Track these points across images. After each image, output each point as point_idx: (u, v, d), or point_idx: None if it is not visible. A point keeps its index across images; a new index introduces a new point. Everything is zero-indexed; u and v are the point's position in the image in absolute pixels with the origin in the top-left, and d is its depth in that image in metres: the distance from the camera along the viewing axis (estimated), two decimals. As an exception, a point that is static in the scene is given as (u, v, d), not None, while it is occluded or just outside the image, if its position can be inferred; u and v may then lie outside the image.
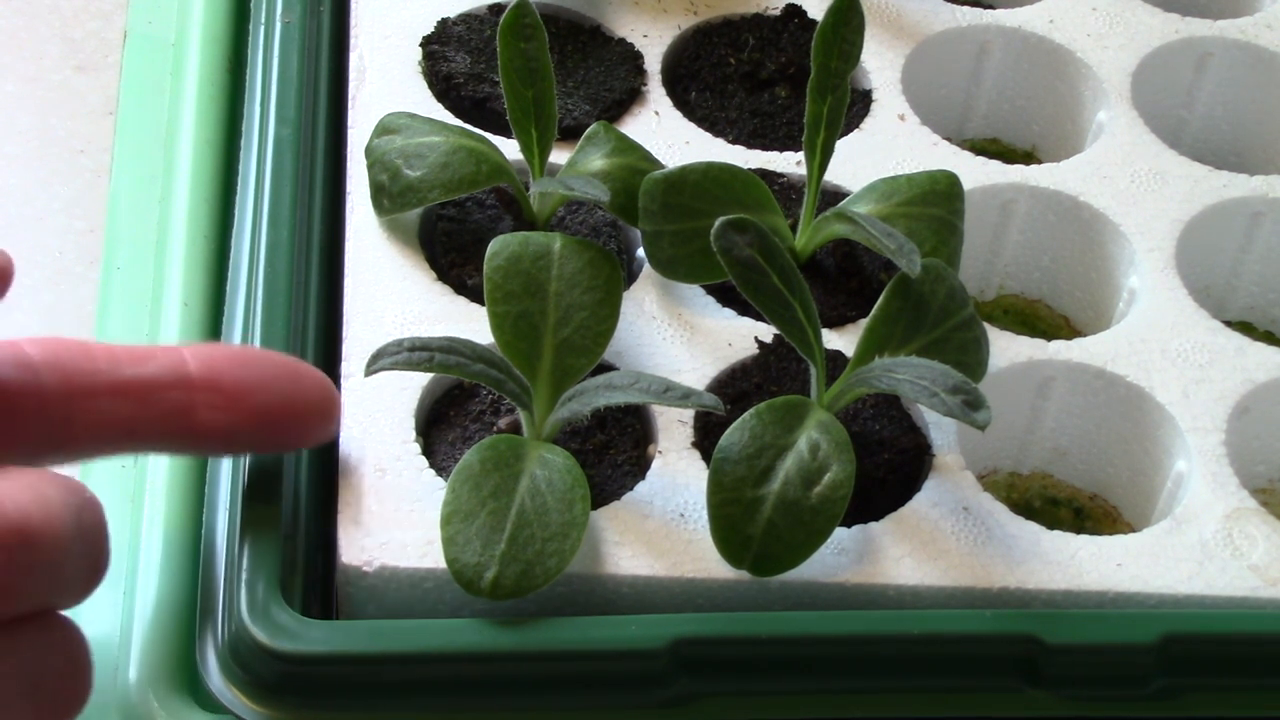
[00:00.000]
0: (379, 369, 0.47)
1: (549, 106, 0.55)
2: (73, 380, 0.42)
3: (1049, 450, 0.59)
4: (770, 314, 0.49)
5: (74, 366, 0.42)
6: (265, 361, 0.45)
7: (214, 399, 0.43)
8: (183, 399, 0.43)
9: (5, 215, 0.68)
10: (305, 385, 0.46)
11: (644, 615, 0.47)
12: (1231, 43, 0.68)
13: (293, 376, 0.46)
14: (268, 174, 0.57)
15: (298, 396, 0.45)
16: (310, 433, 0.47)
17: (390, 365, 0.47)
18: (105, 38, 0.74)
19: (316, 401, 0.46)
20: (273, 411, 0.45)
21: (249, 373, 0.44)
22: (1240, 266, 0.64)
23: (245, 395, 0.44)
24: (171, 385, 0.43)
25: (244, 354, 0.45)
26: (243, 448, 0.47)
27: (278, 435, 0.46)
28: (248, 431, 0.45)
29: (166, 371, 0.43)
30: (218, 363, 0.44)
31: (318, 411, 0.46)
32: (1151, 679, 0.48)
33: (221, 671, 0.45)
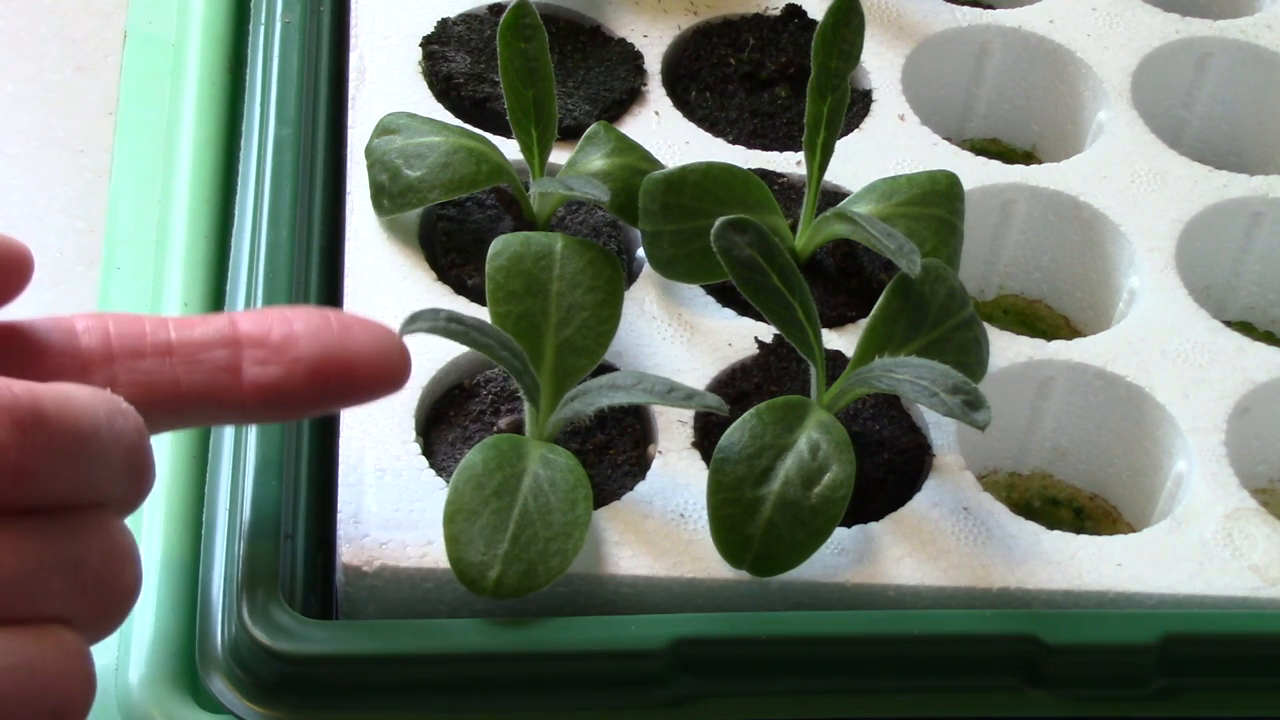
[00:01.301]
0: (415, 330, 0.45)
1: (549, 106, 0.55)
2: (115, 343, 0.41)
3: (1049, 450, 0.59)
4: (770, 314, 0.49)
5: (117, 330, 0.42)
6: (314, 314, 0.44)
7: (259, 353, 0.42)
8: (229, 356, 0.42)
9: (5, 215, 0.68)
10: (357, 333, 0.44)
11: (644, 615, 0.47)
12: (1231, 43, 0.68)
13: (343, 326, 0.44)
14: (268, 174, 0.57)
15: (348, 345, 0.43)
16: (368, 387, 0.44)
17: (427, 328, 0.45)
18: (105, 38, 0.74)
19: (370, 351, 0.44)
20: (321, 361, 0.43)
21: (297, 325, 0.43)
22: (1240, 266, 0.64)
23: (290, 346, 0.43)
24: (217, 343, 0.42)
25: (296, 310, 0.44)
26: (299, 406, 0.44)
27: (332, 388, 0.44)
28: (297, 385, 0.43)
29: (213, 331, 0.42)
30: (266, 318, 0.43)
31: (371, 362, 0.44)
32: (1151, 679, 0.48)
33: (221, 672, 0.45)
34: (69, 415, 0.36)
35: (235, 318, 0.43)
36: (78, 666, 0.37)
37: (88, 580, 0.37)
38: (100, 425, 0.37)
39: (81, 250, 0.67)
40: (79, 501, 0.37)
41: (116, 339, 0.42)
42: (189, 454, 0.54)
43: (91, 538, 0.37)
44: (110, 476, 0.38)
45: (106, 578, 0.38)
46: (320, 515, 0.50)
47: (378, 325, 0.44)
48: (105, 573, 0.38)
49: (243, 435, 0.50)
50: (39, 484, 0.36)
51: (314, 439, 0.51)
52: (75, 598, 0.37)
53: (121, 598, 0.38)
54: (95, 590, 0.37)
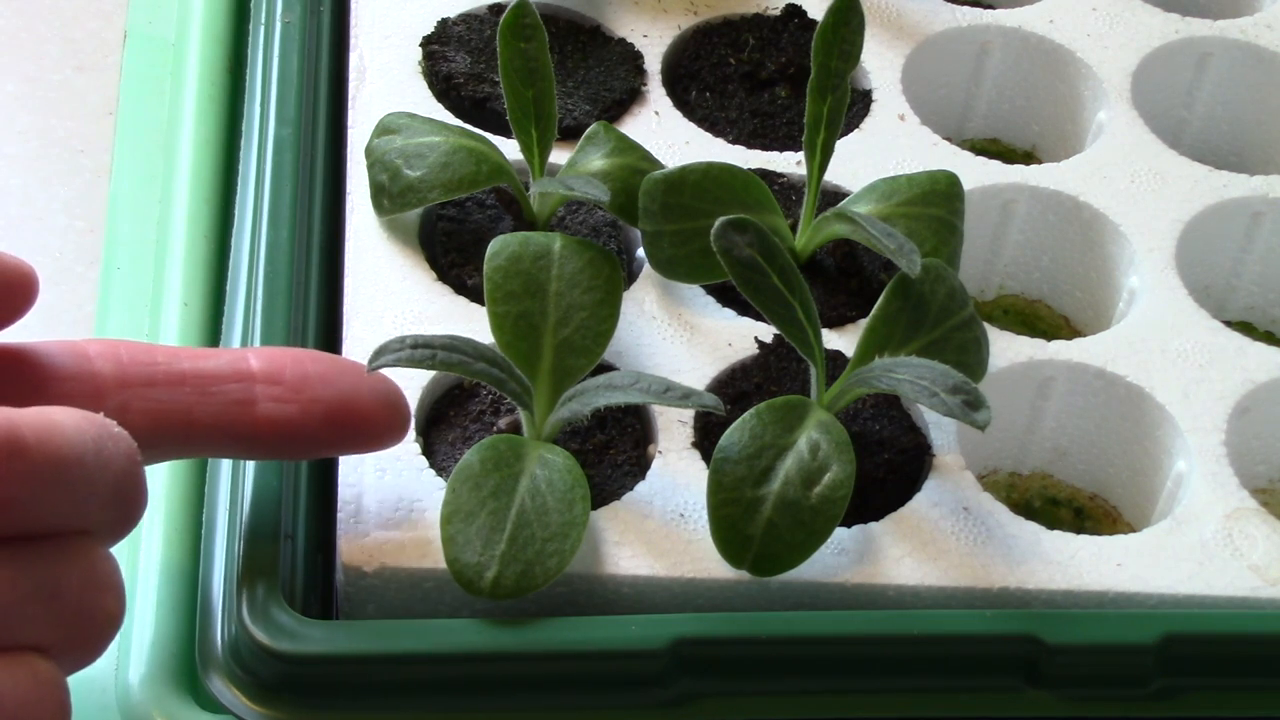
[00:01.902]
0: (381, 365, 0.47)
1: (549, 106, 0.55)
2: (128, 370, 0.41)
3: (1049, 450, 0.59)
4: (770, 314, 0.49)
5: (130, 359, 0.41)
6: (325, 359, 0.45)
7: (274, 391, 0.43)
8: (243, 391, 0.43)
9: (5, 215, 0.68)
10: (367, 384, 0.45)
11: (644, 615, 0.47)
12: (1231, 43, 0.68)
13: (355, 375, 0.45)
14: (268, 174, 0.57)
15: (361, 395, 0.45)
16: (376, 433, 0.46)
17: (393, 362, 0.47)
18: (105, 38, 0.74)
19: (381, 400, 0.45)
20: (336, 407, 0.44)
21: (311, 368, 0.44)
22: (1240, 266, 0.64)
23: (306, 388, 0.43)
24: (231, 378, 0.43)
25: (306, 352, 0.45)
26: (307, 448, 0.46)
27: (342, 433, 0.45)
28: (310, 427, 0.44)
29: (226, 365, 0.43)
30: (280, 358, 0.44)
31: (381, 413, 0.45)
32: (1151, 679, 0.48)
33: (221, 671, 0.45)
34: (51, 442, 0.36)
35: (248, 353, 0.44)
36: (51, 696, 0.36)
37: (66, 609, 0.37)
38: (86, 452, 0.37)
39: (81, 250, 0.67)
40: (61, 529, 0.37)
41: (130, 365, 0.41)
42: (189, 454, 0.54)
43: (72, 566, 0.37)
44: (95, 503, 0.37)
45: (86, 607, 0.37)
46: (320, 515, 0.50)
47: (382, 376, 0.46)
48: (85, 602, 0.37)
49: (242, 435, 0.50)
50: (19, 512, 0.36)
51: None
52: (53, 626, 0.37)
53: (101, 627, 0.38)
54: (74, 619, 0.37)
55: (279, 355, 0.44)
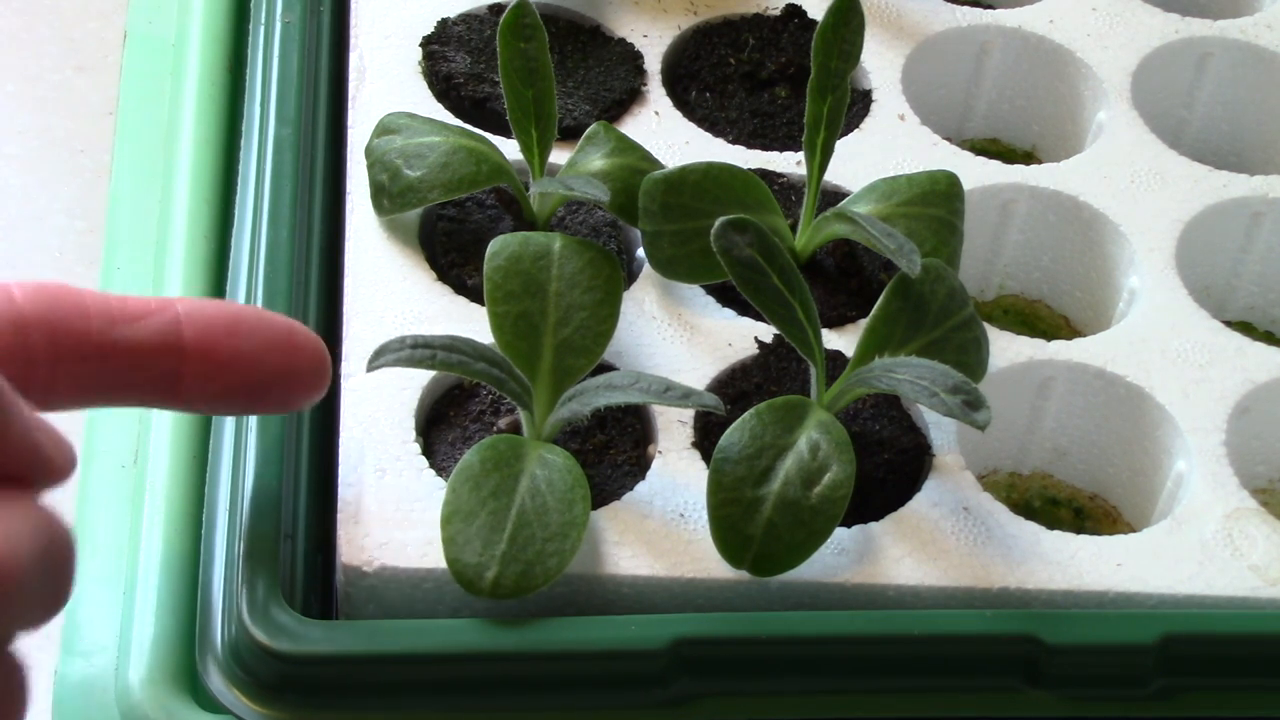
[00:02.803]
0: (381, 365, 0.47)
1: (549, 106, 0.55)
2: (61, 343, 0.40)
3: (1049, 450, 0.59)
4: (770, 314, 0.49)
5: (64, 325, 0.40)
6: (262, 328, 0.44)
7: (203, 368, 0.43)
8: (172, 366, 0.42)
9: (5, 215, 0.68)
10: (298, 358, 0.45)
11: (644, 615, 0.47)
12: (1231, 43, 0.68)
13: (287, 348, 0.44)
14: (268, 174, 0.57)
15: (289, 370, 0.44)
16: (295, 403, 0.46)
17: (393, 362, 0.47)
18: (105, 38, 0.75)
19: (307, 373, 0.45)
20: (261, 384, 0.44)
21: (243, 343, 0.43)
22: (1240, 266, 0.64)
23: (236, 367, 0.43)
24: (162, 350, 0.42)
25: (241, 318, 0.44)
26: (224, 410, 0.47)
27: (262, 404, 0.45)
28: (231, 400, 0.44)
29: (158, 335, 0.42)
30: (213, 330, 0.43)
31: (306, 384, 0.45)
32: (1151, 679, 0.48)
33: (221, 672, 0.45)
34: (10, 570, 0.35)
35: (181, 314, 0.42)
36: None
37: None
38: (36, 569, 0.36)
39: (81, 250, 0.67)
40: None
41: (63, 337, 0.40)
42: (189, 454, 0.54)
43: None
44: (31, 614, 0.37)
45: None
46: (320, 515, 0.50)
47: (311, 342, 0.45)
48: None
49: (243, 435, 0.50)
50: None
51: (314, 439, 0.51)
52: None
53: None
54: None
55: (214, 323, 0.43)
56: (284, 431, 0.50)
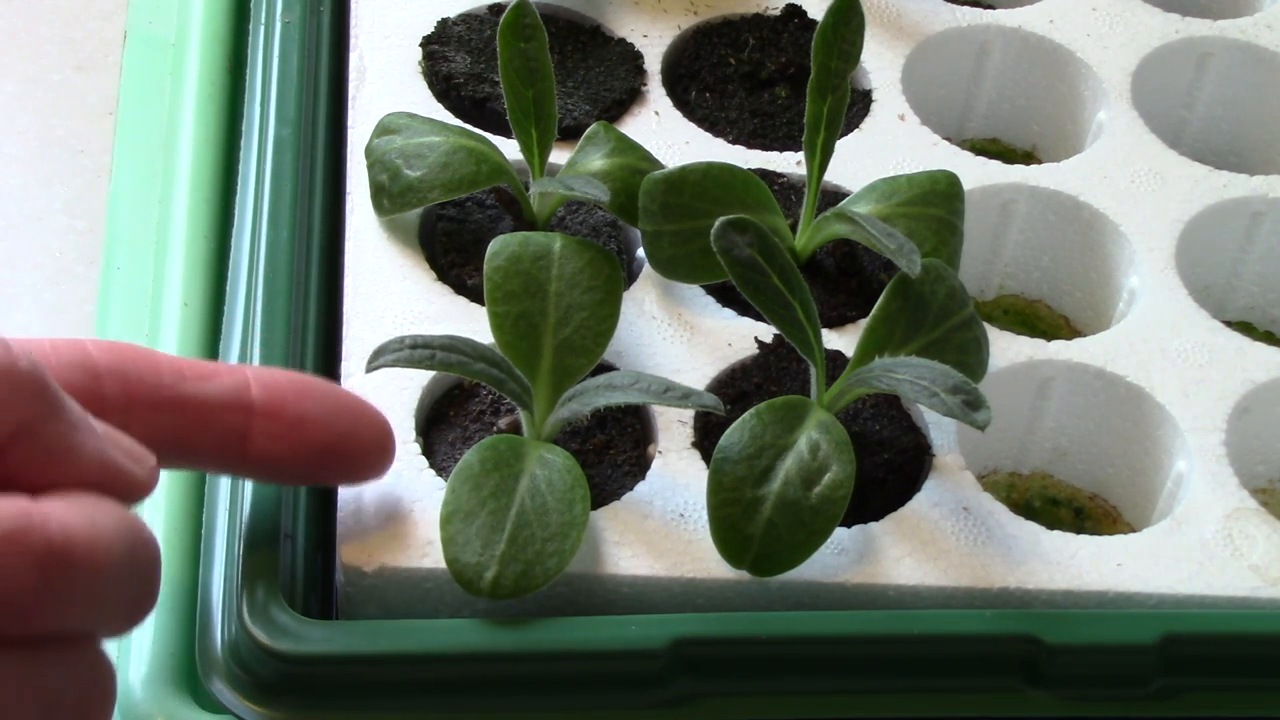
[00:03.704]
0: (380, 365, 0.47)
1: (549, 106, 0.55)
2: (134, 392, 0.41)
3: (1049, 450, 0.59)
4: (770, 314, 0.49)
5: (137, 377, 0.41)
6: (329, 397, 0.45)
7: (272, 427, 0.43)
8: (241, 423, 0.43)
9: (5, 215, 0.68)
10: (364, 425, 0.45)
11: (644, 615, 0.47)
12: (1231, 43, 0.68)
13: (353, 415, 0.45)
14: (268, 174, 0.57)
15: (356, 436, 0.45)
16: (360, 474, 0.46)
17: (392, 362, 0.47)
18: (105, 38, 0.75)
19: (373, 444, 0.46)
20: (328, 448, 0.44)
21: (310, 406, 0.44)
22: (1240, 266, 0.64)
23: (303, 427, 0.44)
24: (231, 407, 0.43)
25: (308, 386, 0.45)
26: (290, 478, 0.47)
27: (328, 471, 0.46)
28: (299, 464, 0.44)
29: (228, 393, 0.43)
30: (281, 391, 0.44)
31: (372, 454, 0.46)
32: (1151, 679, 0.48)
33: (221, 672, 0.45)
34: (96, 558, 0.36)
35: (250, 377, 0.44)
36: None
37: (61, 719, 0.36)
38: (122, 564, 0.37)
39: (81, 250, 0.67)
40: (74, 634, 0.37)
41: (136, 387, 0.41)
42: (189, 454, 0.54)
43: (74, 677, 0.37)
44: (115, 612, 0.37)
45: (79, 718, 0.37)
46: (320, 515, 0.50)
47: (378, 415, 0.46)
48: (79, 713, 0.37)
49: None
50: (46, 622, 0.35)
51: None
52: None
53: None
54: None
55: (281, 386, 0.44)
56: (284, 431, 0.50)
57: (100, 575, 0.36)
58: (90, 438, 0.38)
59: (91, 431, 0.38)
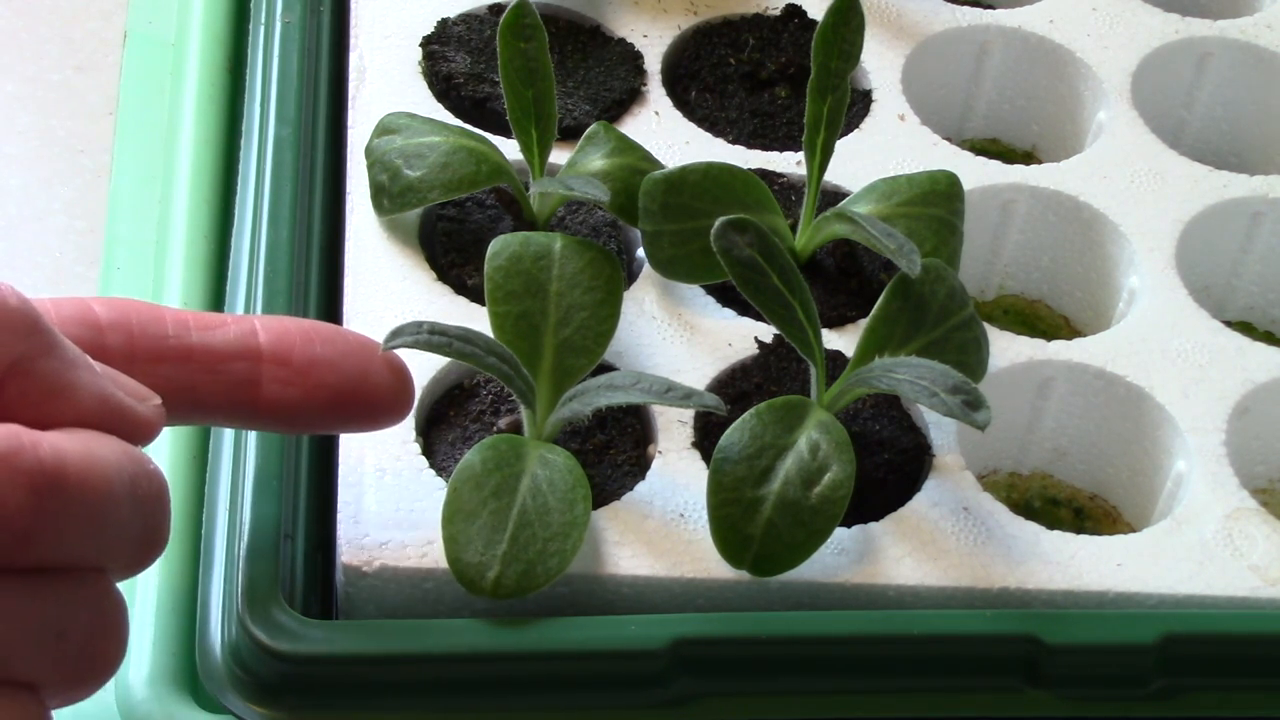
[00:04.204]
0: (397, 345, 0.46)
1: (549, 106, 0.55)
2: (138, 343, 0.41)
3: (1049, 450, 0.59)
4: (770, 314, 0.49)
5: (140, 329, 0.41)
6: (338, 339, 0.44)
7: (281, 373, 0.42)
8: (249, 370, 0.42)
9: (5, 215, 0.68)
10: (376, 367, 0.44)
11: (644, 615, 0.47)
12: (1231, 43, 0.68)
13: (365, 357, 0.44)
14: (268, 174, 0.57)
15: (368, 378, 0.44)
16: (378, 417, 0.45)
17: (410, 343, 0.46)
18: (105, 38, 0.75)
19: (387, 385, 0.45)
20: (341, 391, 0.43)
21: (320, 350, 0.43)
22: (1240, 266, 0.64)
23: (313, 371, 0.43)
24: (239, 355, 0.42)
25: (317, 329, 0.44)
26: (308, 426, 0.45)
27: (345, 415, 0.45)
28: (314, 409, 0.43)
29: (235, 341, 0.42)
30: (289, 336, 0.43)
31: (387, 396, 0.45)
32: (1151, 679, 0.48)
33: (222, 672, 0.45)
34: (91, 480, 0.35)
35: (258, 325, 0.43)
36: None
37: (68, 652, 0.36)
38: (121, 492, 0.36)
39: (81, 250, 0.67)
40: (80, 565, 0.36)
41: (140, 339, 0.41)
42: (189, 454, 0.54)
43: (81, 607, 0.36)
44: (119, 544, 0.37)
45: (88, 651, 0.37)
46: (320, 515, 0.50)
47: (393, 356, 0.45)
48: (88, 646, 0.37)
49: (243, 436, 0.50)
50: (44, 548, 0.35)
51: (314, 439, 0.51)
52: (51, 667, 0.36)
53: (99, 672, 0.37)
54: (74, 662, 0.36)
55: (289, 331, 0.43)
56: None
57: (98, 500, 0.35)
58: (88, 374, 0.37)
59: (90, 369, 0.37)
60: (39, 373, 0.36)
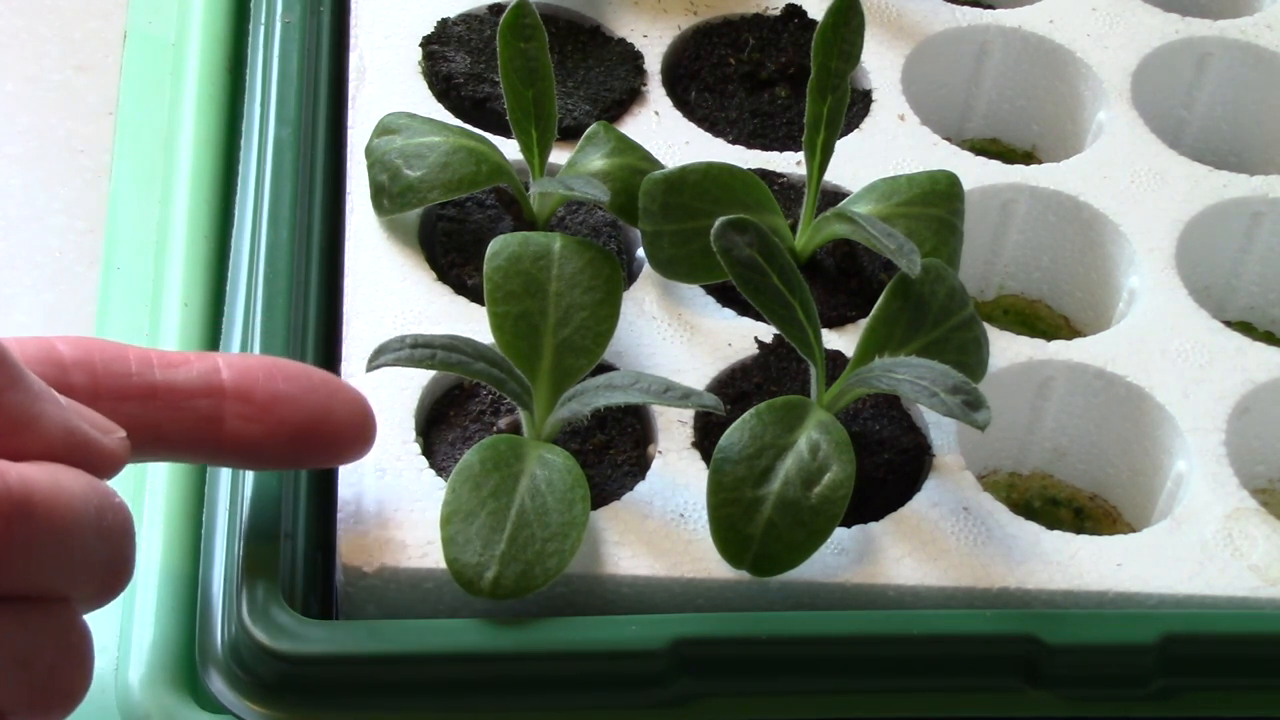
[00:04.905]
0: (381, 364, 0.47)
1: (549, 106, 0.55)
2: (101, 382, 0.41)
3: (1049, 450, 0.59)
4: (770, 314, 0.49)
5: (104, 368, 0.41)
6: (300, 377, 0.44)
7: (244, 409, 0.43)
8: (212, 407, 0.42)
9: (5, 215, 0.68)
10: (339, 403, 0.45)
11: (644, 615, 0.47)
12: (1231, 43, 0.68)
13: (327, 394, 0.45)
14: (268, 174, 0.57)
15: (331, 415, 0.45)
16: (341, 453, 0.46)
17: (393, 361, 0.47)
18: (105, 38, 0.74)
19: (349, 422, 0.45)
20: (303, 428, 0.44)
21: (282, 387, 0.44)
22: (1240, 266, 0.64)
23: (276, 408, 0.43)
24: (202, 392, 0.42)
25: (280, 367, 0.44)
26: (270, 463, 0.46)
27: (307, 452, 0.45)
28: (275, 446, 0.44)
29: (198, 378, 0.42)
30: (252, 373, 0.43)
31: (349, 433, 0.45)
32: (1151, 679, 0.48)
33: (222, 672, 0.45)
34: (57, 510, 0.35)
35: (221, 363, 0.43)
36: None
37: (34, 680, 0.36)
38: (88, 523, 0.36)
39: (81, 250, 0.67)
40: (46, 595, 0.37)
41: (103, 377, 0.41)
42: (189, 454, 0.54)
43: (48, 636, 0.37)
44: (85, 574, 0.37)
45: (52, 681, 0.37)
46: (320, 515, 0.50)
47: (354, 393, 0.45)
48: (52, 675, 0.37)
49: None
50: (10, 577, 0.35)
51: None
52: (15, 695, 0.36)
53: (64, 701, 0.38)
54: (39, 691, 0.37)
55: (251, 369, 0.44)
56: (284, 431, 0.50)
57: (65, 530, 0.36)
58: (53, 407, 0.37)
59: (55, 402, 0.38)
60: (4, 406, 0.37)
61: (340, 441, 0.45)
